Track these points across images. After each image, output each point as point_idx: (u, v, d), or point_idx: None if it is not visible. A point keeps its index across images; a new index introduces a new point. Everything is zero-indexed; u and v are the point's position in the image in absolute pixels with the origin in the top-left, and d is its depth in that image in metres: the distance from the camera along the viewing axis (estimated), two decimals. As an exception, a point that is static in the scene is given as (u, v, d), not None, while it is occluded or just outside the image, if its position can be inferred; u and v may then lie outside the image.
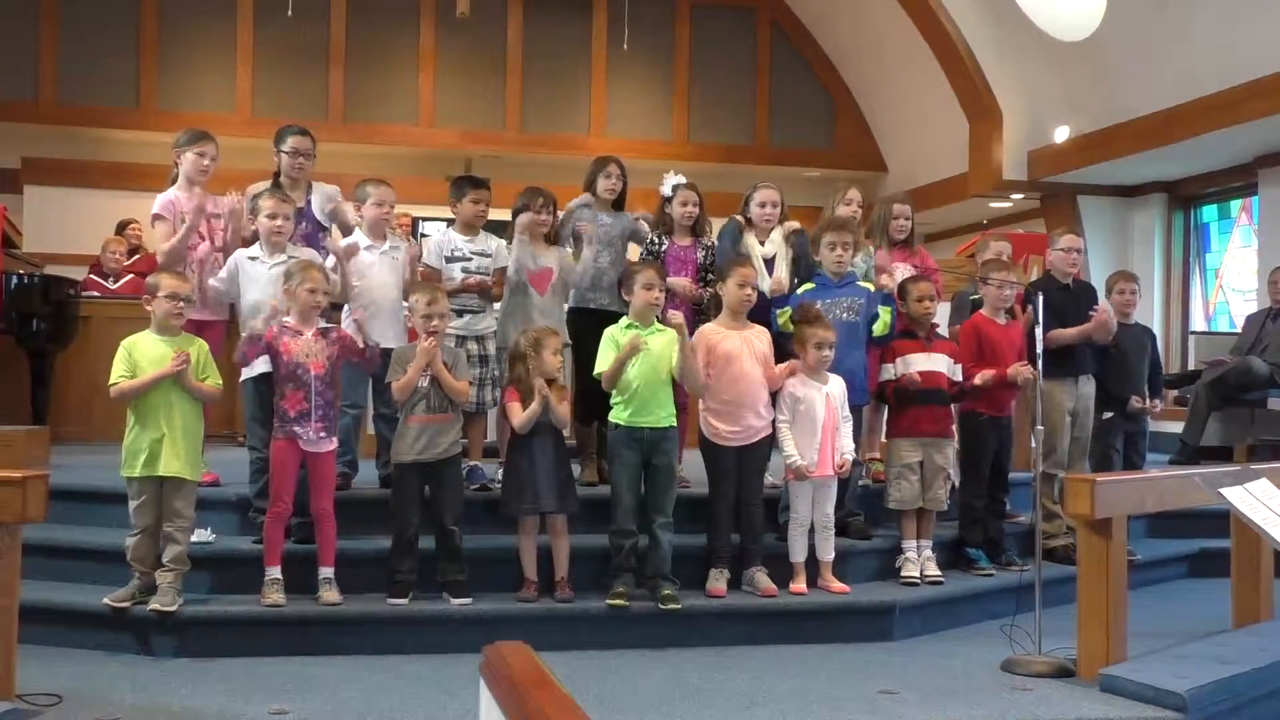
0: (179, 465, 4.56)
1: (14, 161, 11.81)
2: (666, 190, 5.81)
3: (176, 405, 4.57)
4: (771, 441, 5.30)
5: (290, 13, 11.63)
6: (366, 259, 5.36)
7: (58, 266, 9.13)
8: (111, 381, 4.57)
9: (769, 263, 5.63)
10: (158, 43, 12.26)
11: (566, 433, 5.15)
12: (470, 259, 5.47)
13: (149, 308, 4.67)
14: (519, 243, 5.49)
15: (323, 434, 4.76)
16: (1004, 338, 5.76)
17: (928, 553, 5.46)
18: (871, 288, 5.62)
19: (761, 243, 5.69)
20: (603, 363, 4.96)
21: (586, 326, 5.50)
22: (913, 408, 5.51)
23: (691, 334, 5.25)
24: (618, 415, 4.96)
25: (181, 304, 4.65)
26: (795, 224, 5.77)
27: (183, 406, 4.59)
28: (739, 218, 5.74)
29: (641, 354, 4.88)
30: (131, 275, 8.87)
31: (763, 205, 5.71)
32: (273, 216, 5.10)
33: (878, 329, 5.47)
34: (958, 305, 6.54)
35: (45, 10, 11.99)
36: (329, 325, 4.93)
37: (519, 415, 4.86)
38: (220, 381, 4.79)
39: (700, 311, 5.67)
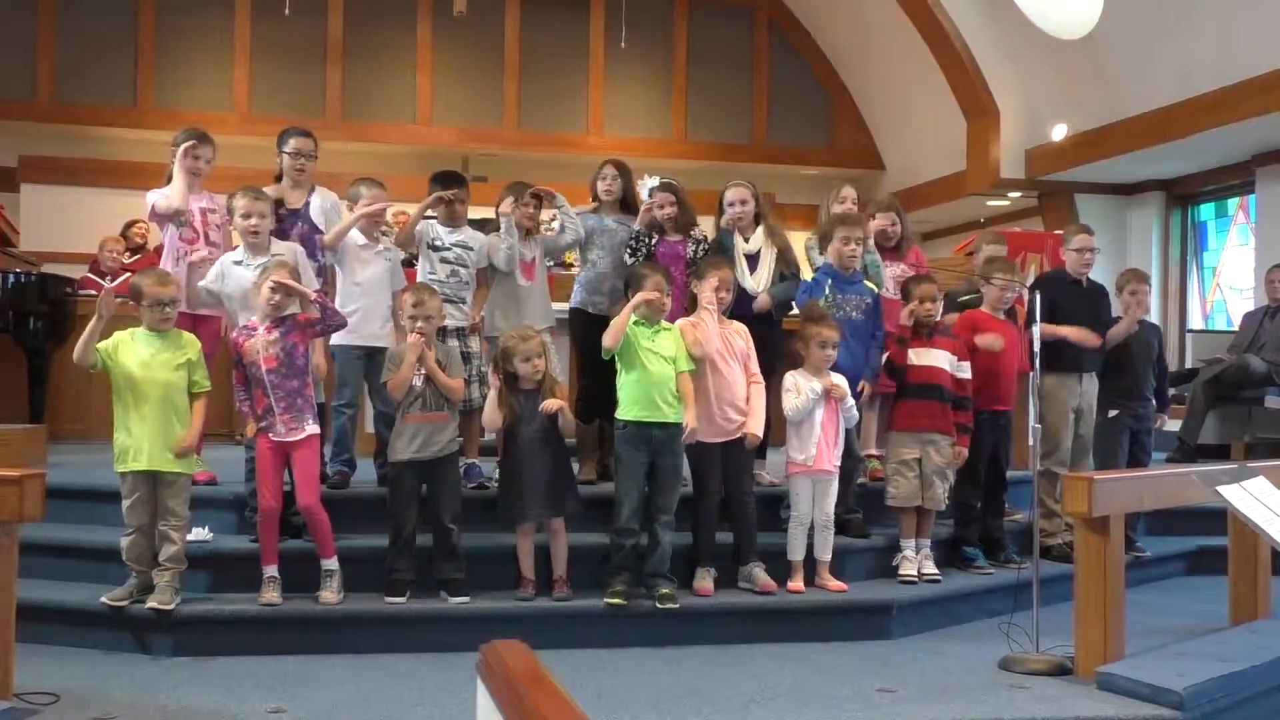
0: (166, 459, 4.54)
1: (11, 160, 11.81)
2: (645, 195, 5.87)
3: (161, 400, 4.54)
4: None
5: (288, 11, 11.62)
6: (360, 257, 5.36)
7: (55, 265, 9.13)
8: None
9: (752, 259, 5.64)
10: (155, 41, 12.26)
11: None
12: (449, 249, 5.48)
13: (136, 312, 4.67)
14: (509, 232, 5.48)
15: (291, 424, 4.73)
16: (1005, 335, 5.76)
17: (926, 551, 5.46)
18: (876, 288, 5.64)
19: (746, 239, 5.71)
20: (608, 336, 4.92)
21: (586, 330, 5.51)
22: (911, 401, 5.50)
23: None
24: (626, 413, 4.94)
25: (166, 309, 4.63)
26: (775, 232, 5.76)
27: (168, 402, 4.56)
28: (727, 227, 5.75)
29: (653, 352, 4.90)
30: (129, 274, 8.86)
31: (732, 204, 5.73)
32: (246, 216, 5.07)
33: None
34: (945, 304, 6.49)
35: (43, 8, 11.98)
36: (285, 314, 4.80)
37: (486, 415, 4.96)
38: (209, 385, 4.74)
39: (689, 310, 5.67)
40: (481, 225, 5.88)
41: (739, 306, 5.37)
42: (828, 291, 5.46)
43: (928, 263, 6.57)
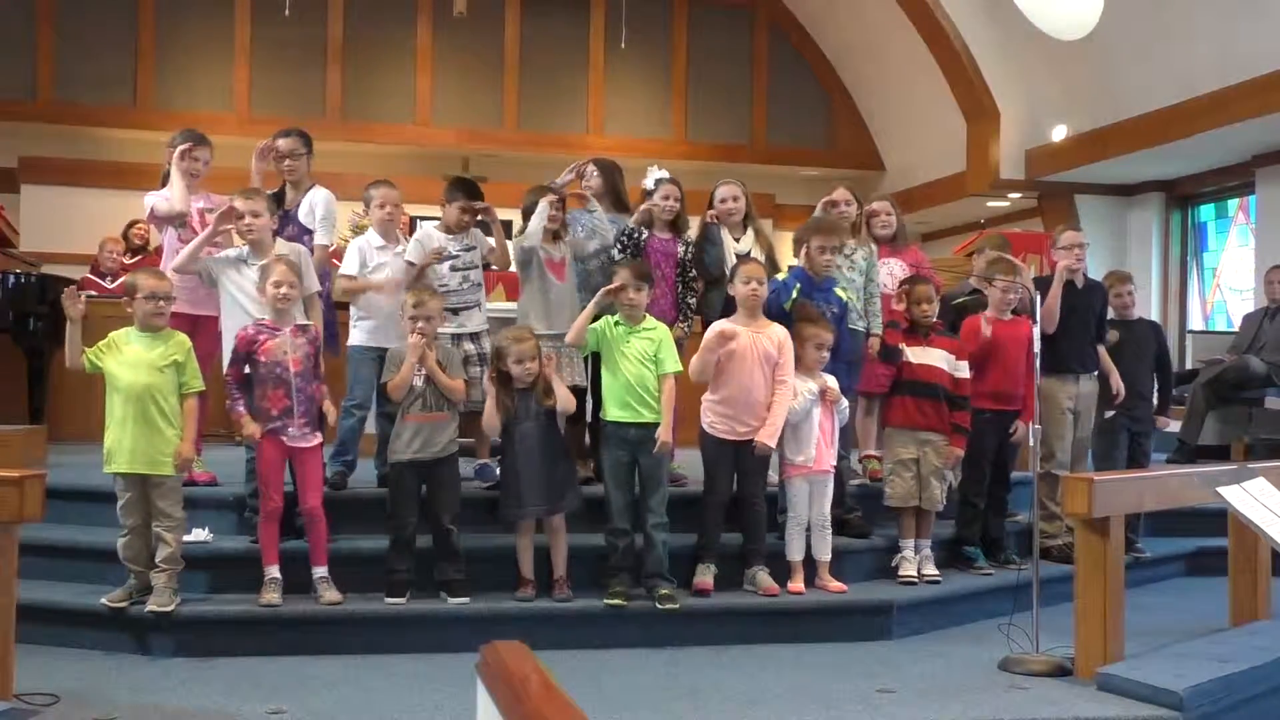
0: (148, 462, 4.52)
1: (11, 160, 11.81)
2: (649, 184, 5.83)
3: (141, 401, 4.51)
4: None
5: (287, 11, 11.62)
6: (378, 259, 5.36)
7: (54, 266, 9.13)
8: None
9: (743, 258, 5.65)
10: (155, 41, 12.26)
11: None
12: (457, 255, 5.47)
13: (129, 309, 4.64)
14: (539, 223, 5.47)
15: (306, 429, 4.75)
16: (1010, 336, 5.74)
17: (926, 551, 5.46)
18: (844, 296, 5.61)
19: (737, 239, 5.72)
20: (570, 333, 5.05)
21: None
22: (908, 399, 5.50)
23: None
24: (605, 413, 4.99)
25: (161, 303, 4.62)
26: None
27: (150, 402, 4.52)
28: (713, 221, 5.78)
29: (626, 355, 4.92)
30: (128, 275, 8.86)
31: (724, 201, 5.77)
32: (240, 217, 5.08)
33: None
34: (942, 306, 6.46)
35: (42, 9, 11.98)
36: (306, 322, 4.90)
37: (486, 421, 4.95)
38: (202, 385, 4.72)
39: (679, 309, 5.67)
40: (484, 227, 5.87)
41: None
42: (795, 294, 5.40)
43: (928, 263, 6.56)
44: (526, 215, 5.58)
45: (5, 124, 11.81)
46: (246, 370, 4.77)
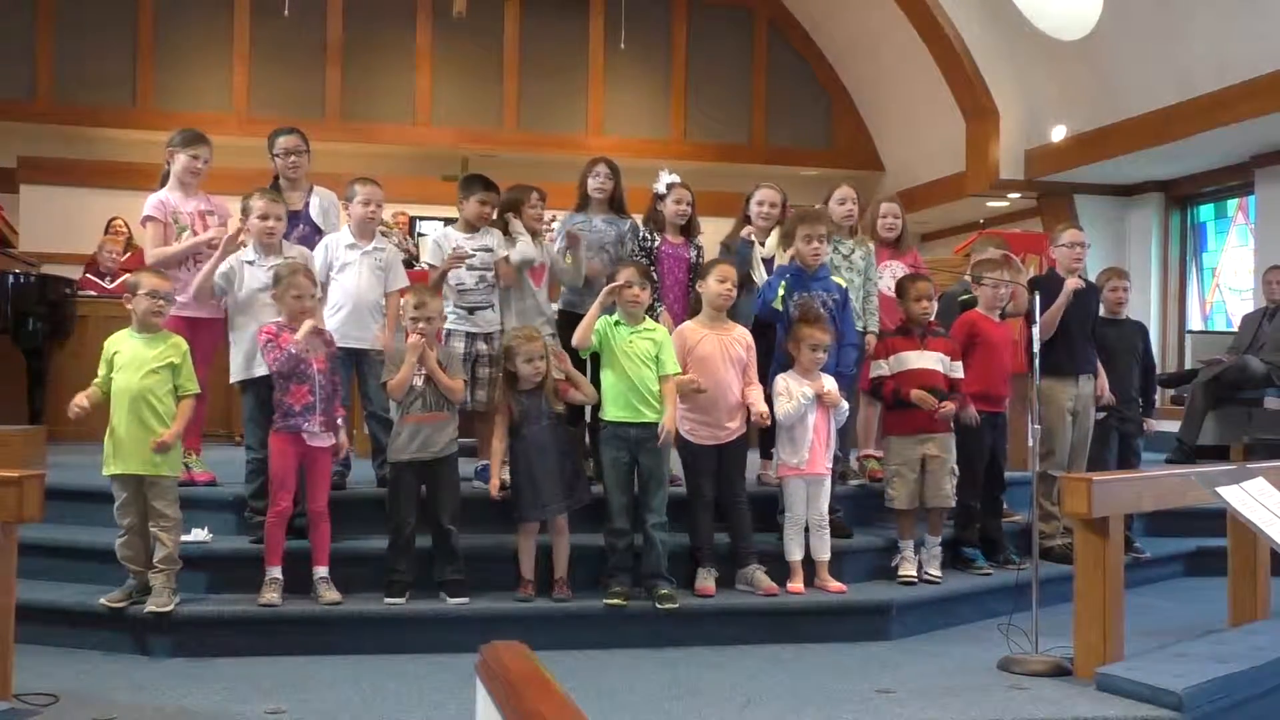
0: (141, 463, 4.51)
1: (10, 160, 11.81)
2: (661, 187, 5.80)
3: (134, 403, 4.51)
4: (750, 439, 5.30)
5: (287, 11, 11.62)
6: (346, 257, 5.33)
7: (54, 265, 9.13)
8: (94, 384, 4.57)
9: (767, 262, 5.66)
10: (154, 41, 12.26)
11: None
12: (474, 255, 5.46)
13: (129, 306, 4.63)
14: (520, 235, 5.49)
15: (326, 427, 4.78)
16: (1000, 335, 5.75)
17: (935, 550, 5.44)
18: (843, 283, 5.60)
19: (761, 243, 5.72)
20: (576, 334, 5.03)
21: (568, 330, 5.50)
22: (907, 407, 5.50)
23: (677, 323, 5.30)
24: (605, 413, 5.00)
25: (161, 301, 4.62)
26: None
27: (143, 404, 4.52)
28: (750, 239, 5.76)
29: (629, 355, 4.91)
30: (127, 274, 8.85)
31: (761, 204, 5.77)
32: (264, 217, 5.08)
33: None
34: (944, 304, 6.47)
35: (42, 9, 11.99)
36: (322, 327, 4.95)
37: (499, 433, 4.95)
38: (197, 388, 4.72)
39: (690, 313, 5.67)
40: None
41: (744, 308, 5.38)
42: (781, 292, 5.37)
43: (925, 264, 6.56)
44: (506, 208, 5.57)
45: (5, 124, 11.80)
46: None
